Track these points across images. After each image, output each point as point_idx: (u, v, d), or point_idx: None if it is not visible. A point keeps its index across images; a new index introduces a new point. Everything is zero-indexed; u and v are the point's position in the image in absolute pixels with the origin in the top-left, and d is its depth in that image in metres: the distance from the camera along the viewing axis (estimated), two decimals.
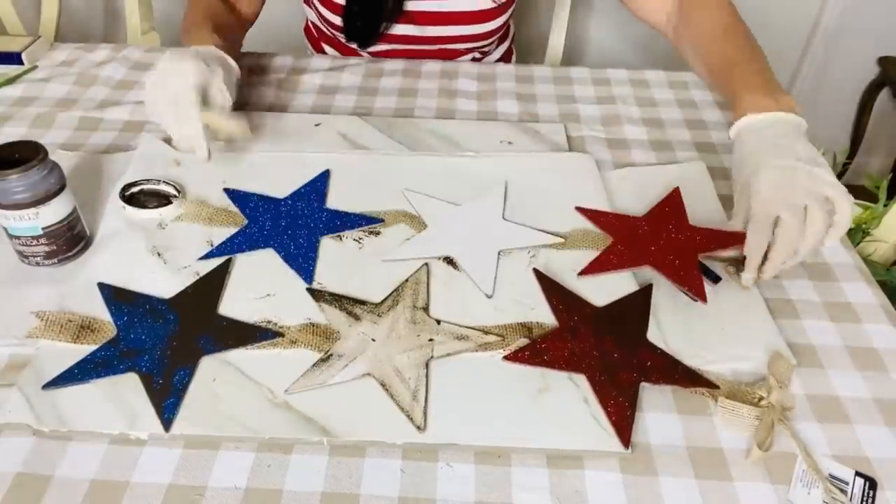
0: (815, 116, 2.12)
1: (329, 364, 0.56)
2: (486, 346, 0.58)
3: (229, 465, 0.50)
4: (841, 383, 0.57)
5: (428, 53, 1.04)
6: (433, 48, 1.03)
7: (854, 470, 0.51)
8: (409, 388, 0.55)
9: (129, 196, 0.72)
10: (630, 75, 1.01)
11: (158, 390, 0.54)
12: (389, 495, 0.49)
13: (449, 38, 1.01)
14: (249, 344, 0.58)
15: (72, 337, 0.58)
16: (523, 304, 0.63)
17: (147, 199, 0.72)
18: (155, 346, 0.57)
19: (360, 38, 1.01)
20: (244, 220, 0.70)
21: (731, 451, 0.52)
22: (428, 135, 0.85)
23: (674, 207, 0.72)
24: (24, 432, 0.51)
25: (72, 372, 0.55)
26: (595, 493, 0.49)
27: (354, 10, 0.97)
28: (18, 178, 0.59)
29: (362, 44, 1.03)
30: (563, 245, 0.69)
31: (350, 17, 0.97)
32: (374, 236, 0.70)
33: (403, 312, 0.61)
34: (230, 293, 0.63)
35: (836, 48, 1.82)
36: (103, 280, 0.63)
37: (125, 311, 0.60)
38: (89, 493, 0.48)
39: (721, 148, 0.86)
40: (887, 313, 0.64)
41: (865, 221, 1.11)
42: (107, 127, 0.86)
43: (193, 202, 0.72)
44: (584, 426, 0.53)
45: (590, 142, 0.86)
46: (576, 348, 0.58)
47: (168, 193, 0.72)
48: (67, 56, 1.00)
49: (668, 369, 0.57)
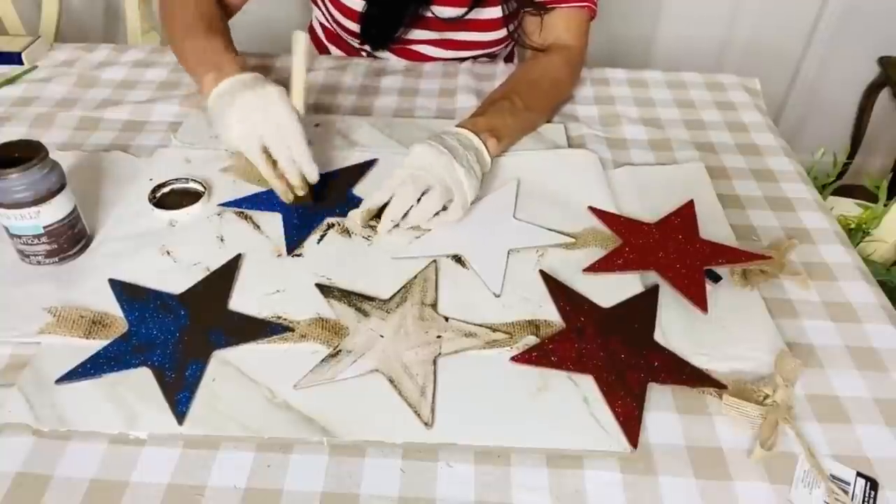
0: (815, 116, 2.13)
1: (338, 360, 0.56)
2: (493, 343, 0.58)
3: (229, 465, 0.50)
4: (841, 383, 0.57)
5: (437, 58, 1.03)
6: (443, 53, 1.02)
7: (855, 470, 0.51)
8: (417, 384, 0.55)
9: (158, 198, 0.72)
10: (628, 75, 1.01)
11: (171, 384, 0.54)
12: (389, 495, 0.49)
13: (461, 42, 1.00)
14: (260, 339, 0.58)
15: (84, 332, 0.58)
16: (531, 301, 0.63)
17: (171, 199, 0.72)
18: (167, 340, 0.57)
19: (374, 42, 1.01)
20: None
21: (731, 451, 0.52)
22: (428, 135, 0.85)
23: (685, 218, 0.72)
24: (24, 432, 0.51)
25: (85, 367, 0.55)
26: (595, 493, 0.49)
27: (374, 14, 0.95)
28: (19, 177, 0.59)
29: (375, 47, 1.02)
30: (574, 245, 0.69)
31: (368, 21, 0.96)
32: (388, 232, 0.70)
33: (412, 309, 0.61)
34: (240, 289, 0.63)
35: (836, 48, 1.82)
36: (113, 277, 0.63)
37: (136, 306, 0.60)
38: (89, 493, 0.48)
39: (720, 148, 0.86)
40: (887, 313, 0.64)
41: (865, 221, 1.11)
42: (107, 127, 0.86)
43: (241, 155, 0.72)
44: (583, 426, 0.53)
45: (590, 141, 0.86)
46: (583, 349, 0.58)
47: (196, 191, 0.73)
48: (67, 56, 1.00)
49: (676, 369, 0.57)
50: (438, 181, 0.68)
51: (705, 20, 1.81)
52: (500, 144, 0.78)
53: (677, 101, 0.96)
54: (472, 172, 0.70)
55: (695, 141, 0.87)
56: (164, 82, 0.95)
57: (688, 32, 1.83)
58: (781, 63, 1.87)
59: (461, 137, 0.74)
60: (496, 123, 0.78)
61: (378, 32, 0.98)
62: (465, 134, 0.74)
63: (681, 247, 0.68)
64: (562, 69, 0.91)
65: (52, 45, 1.03)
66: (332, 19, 1.01)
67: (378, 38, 0.99)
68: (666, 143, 0.86)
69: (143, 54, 1.02)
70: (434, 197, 0.68)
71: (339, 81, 0.97)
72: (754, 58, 1.84)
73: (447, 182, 0.68)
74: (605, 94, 0.96)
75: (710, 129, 0.90)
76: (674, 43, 1.85)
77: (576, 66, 0.93)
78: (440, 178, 0.68)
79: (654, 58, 1.87)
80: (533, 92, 0.85)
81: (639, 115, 0.92)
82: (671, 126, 0.90)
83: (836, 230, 0.74)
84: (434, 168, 0.68)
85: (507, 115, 0.80)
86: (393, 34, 0.98)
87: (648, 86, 0.99)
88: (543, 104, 0.88)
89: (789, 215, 0.76)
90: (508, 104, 0.81)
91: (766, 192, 0.79)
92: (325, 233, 0.70)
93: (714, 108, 0.94)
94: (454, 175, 0.69)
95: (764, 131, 0.90)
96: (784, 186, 0.80)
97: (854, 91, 1.90)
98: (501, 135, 0.78)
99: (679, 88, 0.98)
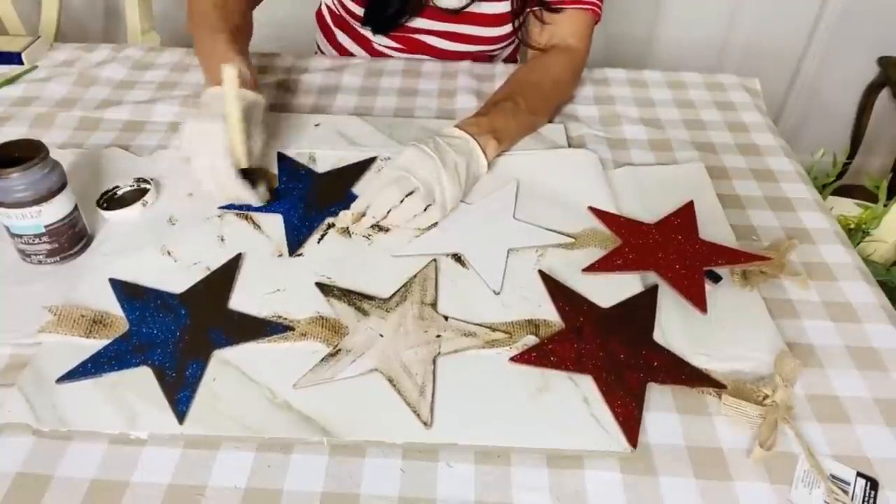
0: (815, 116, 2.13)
1: (337, 359, 0.56)
2: (493, 342, 0.58)
3: (229, 465, 0.50)
4: (841, 383, 0.57)
5: (439, 51, 1.03)
6: (447, 45, 1.02)
7: (855, 470, 0.51)
8: (416, 384, 0.55)
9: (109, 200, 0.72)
10: (628, 75, 1.01)
11: (172, 383, 0.54)
12: (389, 495, 0.49)
13: (466, 36, 1.00)
14: (260, 338, 0.58)
15: (84, 331, 0.58)
16: (531, 301, 0.63)
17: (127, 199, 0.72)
18: (167, 339, 0.58)
19: (378, 27, 1.01)
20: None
21: (731, 451, 0.52)
22: (428, 135, 0.85)
23: (685, 219, 0.72)
24: (24, 432, 0.51)
25: (85, 366, 0.55)
26: (595, 493, 0.49)
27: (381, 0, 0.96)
28: (20, 176, 0.59)
29: (377, 31, 1.02)
30: (573, 245, 0.69)
31: (373, 5, 0.97)
32: (384, 232, 0.70)
33: (411, 308, 0.61)
34: (240, 288, 0.63)
35: (836, 48, 1.82)
36: (113, 276, 0.63)
37: (137, 306, 0.60)
38: (89, 493, 0.48)
39: (720, 148, 0.86)
40: (887, 313, 0.64)
41: (865, 221, 1.11)
42: (107, 127, 0.86)
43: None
44: (583, 426, 0.53)
45: (590, 141, 0.86)
46: (582, 349, 0.58)
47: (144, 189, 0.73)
48: (67, 56, 1.00)
49: (675, 369, 0.57)
50: (423, 183, 0.68)
51: (705, 20, 1.81)
52: (501, 146, 0.79)
53: (677, 101, 0.96)
54: (457, 179, 0.71)
55: (695, 141, 0.87)
56: (164, 82, 0.95)
57: (688, 32, 1.83)
58: (781, 63, 1.88)
59: (457, 142, 0.74)
60: (498, 125, 0.78)
61: (382, 17, 0.98)
62: (464, 138, 0.75)
63: (680, 247, 0.68)
64: (564, 71, 0.91)
65: (52, 45, 1.03)
66: (339, 3, 1.02)
67: (382, 23, 0.99)
68: (666, 143, 0.86)
69: (143, 54, 1.02)
70: (416, 199, 0.68)
71: (339, 81, 0.97)
72: (754, 58, 1.84)
73: (431, 185, 0.69)
74: (605, 94, 0.96)
75: (710, 129, 0.90)
76: (674, 43, 1.85)
77: (578, 68, 0.94)
78: (425, 181, 0.69)
79: (654, 58, 1.87)
80: (536, 93, 0.86)
81: (639, 115, 0.92)
82: (671, 126, 0.90)
83: (836, 230, 0.74)
84: (420, 171, 0.69)
85: (510, 116, 0.80)
86: (397, 20, 0.98)
87: (648, 86, 0.99)
88: (545, 106, 0.88)
89: (789, 215, 0.76)
90: (512, 105, 0.81)
91: (766, 192, 0.79)
92: (325, 232, 0.70)
93: (714, 109, 0.94)
94: (439, 179, 0.69)
95: (764, 131, 0.90)
96: (784, 186, 0.80)
97: (854, 91, 1.90)
98: (503, 137, 0.78)
99: (679, 88, 0.98)
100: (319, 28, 1.17)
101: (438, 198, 0.69)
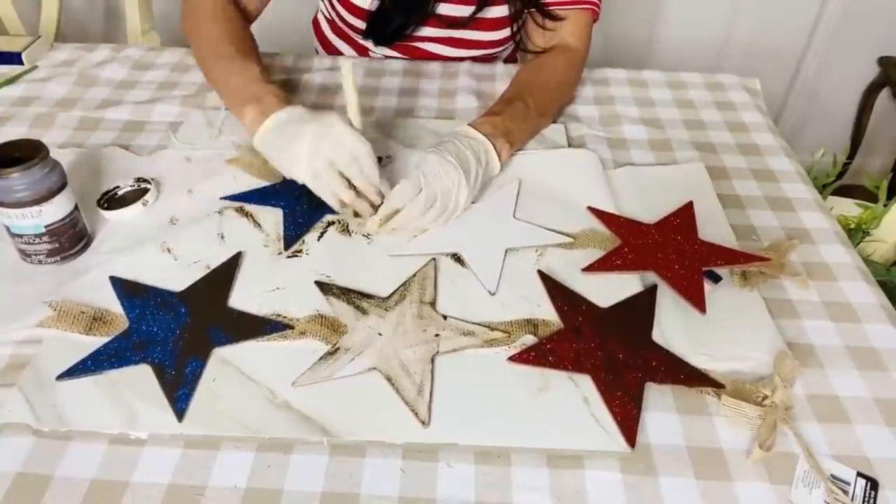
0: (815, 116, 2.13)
1: (336, 358, 0.56)
2: (491, 342, 0.58)
3: (229, 465, 0.50)
4: (841, 383, 0.57)
5: (438, 57, 1.03)
6: (447, 51, 1.02)
7: (855, 470, 0.51)
8: (414, 382, 0.55)
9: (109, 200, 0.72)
10: (628, 75, 1.01)
11: (171, 380, 0.54)
12: (389, 495, 0.49)
13: (466, 41, 1.00)
14: (259, 336, 0.58)
15: (84, 328, 0.58)
16: (530, 300, 0.63)
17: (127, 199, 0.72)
18: (167, 337, 0.58)
19: (380, 40, 1.00)
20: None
21: (731, 452, 0.52)
22: (429, 135, 0.85)
23: (685, 220, 0.72)
24: (24, 432, 0.51)
25: (85, 363, 0.55)
26: (595, 493, 0.49)
27: (384, 12, 0.94)
28: (20, 176, 0.59)
29: (378, 43, 1.01)
30: (573, 245, 0.69)
31: (376, 19, 0.96)
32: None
33: (410, 307, 0.61)
34: (240, 286, 0.63)
35: (836, 48, 1.82)
36: (113, 274, 0.63)
37: (137, 303, 0.60)
38: (89, 493, 0.48)
39: (720, 148, 0.86)
40: (887, 313, 0.64)
41: (865, 221, 1.11)
42: (107, 127, 0.86)
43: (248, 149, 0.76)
44: (583, 426, 0.53)
45: (590, 141, 0.86)
46: (581, 349, 0.58)
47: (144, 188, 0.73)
48: (67, 56, 1.00)
49: (674, 369, 0.57)
50: (443, 194, 0.68)
51: (705, 20, 1.81)
52: (513, 149, 0.79)
53: (677, 101, 0.96)
54: (473, 187, 0.71)
55: (695, 141, 0.87)
56: (164, 82, 0.95)
57: (688, 32, 1.83)
58: (781, 63, 1.88)
59: (478, 145, 0.73)
60: (512, 127, 0.78)
61: (386, 30, 0.98)
62: (481, 140, 0.74)
63: (679, 248, 0.68)
64: (566, 72, 0.91)
65: (52, 45, 1.03)
66: (337, 16, 1.01)
67: (386, 35, 0.99)
68: (666, 143, 0.86)
69: (143, 54, 1.02)
70: (434, 212, 0.69)
71: (339, 82, 0.97)
72: (754, 58, 1.84)
73: (450, 195, 0.69)
74: (605, 94, 0.96)
75: (710, 129, 0.90)
76: (674, 43, 1.85)
77: (579, 68, 0.94)
78: (446, 191, 0.68)
79: (654, 58, 1.87)
80: (544, 95, 0.85)
81: (639, 115, 0.92)
82: (671, 126, 0.90)
83: (836, 230, 0.74)
84: (444, 181, 0.68)
85: (521, 119, 0.80)
86: (400, 34, 0.98)
87: (648, 86, 0.99)
88: (552, 108, 0.88)
89: (789, 215, 0.76)
90: (523, 107, 0.81)
91: (766, 192, 0.79)
92: (324, 230, 0.70)
93: (714, 108, 0.94)
94: (458, 189, 0.69)
95: (764, 131, 0.90)
96: (784, 186, 0.80)
97: (854, 91, 1.90)
98: (515, 140, 0.78)
99: (679, 88, 0.98)
100: (316, 36, 1.17)
101: (451, 205, 0.69)
